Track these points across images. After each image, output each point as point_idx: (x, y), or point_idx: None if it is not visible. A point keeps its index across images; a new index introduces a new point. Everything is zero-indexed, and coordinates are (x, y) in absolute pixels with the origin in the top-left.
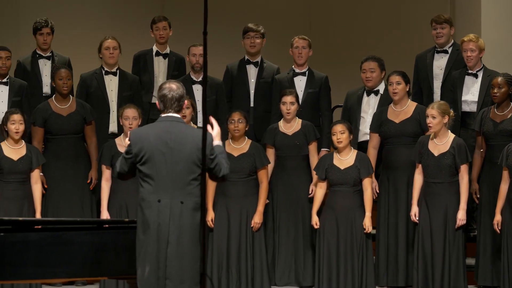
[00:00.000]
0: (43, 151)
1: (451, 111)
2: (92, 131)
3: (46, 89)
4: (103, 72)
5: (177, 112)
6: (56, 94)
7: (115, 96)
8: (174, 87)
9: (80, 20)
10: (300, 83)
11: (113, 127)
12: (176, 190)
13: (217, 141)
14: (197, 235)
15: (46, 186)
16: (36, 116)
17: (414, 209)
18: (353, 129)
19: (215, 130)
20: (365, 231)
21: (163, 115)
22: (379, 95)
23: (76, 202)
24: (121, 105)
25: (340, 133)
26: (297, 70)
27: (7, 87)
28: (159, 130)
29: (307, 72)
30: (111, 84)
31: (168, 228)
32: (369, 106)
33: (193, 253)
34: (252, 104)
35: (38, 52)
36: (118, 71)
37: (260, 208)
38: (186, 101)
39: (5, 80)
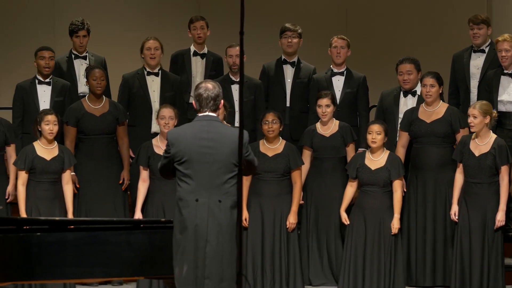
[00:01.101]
0: (75, 151)
1: (494, 111)
2: (124, 131)
3: (84, 88)
4: (145, 72)
5: (214, 111)
6: (89, 94)
7: (157, 96)
8: (209, 87)
9: (116, 19)
10: (338, 83)
11: (155, 128)
12: (214, 189)
13: None
14: (235, 233)
15: (78, 186)
16: (69, 115)
17: (454, 208)
18: (391, 129)
19: None
20: (392, 233)
21: (199, 114)
22: (416, 96)
23: (109, 202)
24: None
25: (376, 133)
26: (335, 70)
27: (50, 87)
28: (196, 129)
29: (345, 72)
30: (153, 85)
31: (206, 227)
32: (407, 106)
33: (231, 251)
34: (288, 104)
35: (74, 52)
36: (160, 72)
37: (294, 208)
38: (222, 101)
39: (48, 80)
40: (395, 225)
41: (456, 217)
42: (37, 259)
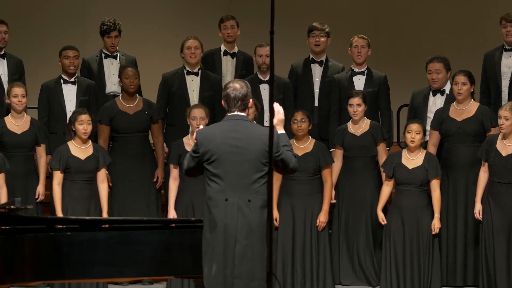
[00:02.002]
0: (109, 150)
1: None
2: (159, 130)
3: (113, 88)
4: (185, 72)
5: (242, 110)
6: (122, 93)
7: (196, 96)
8: (237, 87)
9: (147, 19)
10: (359, 82)
11: (191, 127)
12: (243, 188)
13: (280, 130)
14: (265, 233)
15: (111, 185)
16: (103, 114)
17: (478, 207)
18: None
19: (279, 117)
20: (433, 233)
21: (228, 114)
22: (445, 95)
23: (142, 201)
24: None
25: (415, 133)
26: (356, 70)
27: (75, 87)
28: (226, 129)
29: (366, 72)
30: (193, 85)
31: (235, 226)
32: (436, 106)
33: (262, 251)
34: (316, 103)
35: (104, 51)
36: (200, 71)
37: (325, 207)
38: (251, 101)
39: (73, 79)
40: (436, 224)
41: (480, 216)
42: (68, 259)
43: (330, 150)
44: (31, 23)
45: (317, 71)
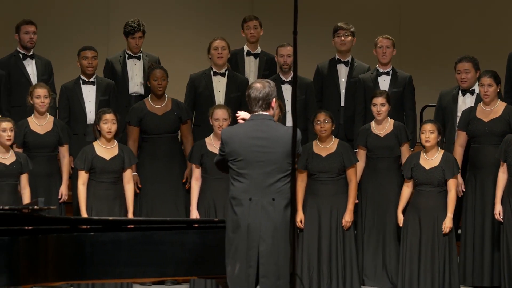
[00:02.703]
0: (138, 151)
1: None
2: (188, 130)
3: (137, 88)
4: (212, 73)
5: (265, 110)
6: (151, 94)
7: (223, 97)
8: (258, 86)
9: (170, 19)
10: (384, 82)
11: (214, 128)
12: (267, 188)
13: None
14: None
15: (140, 186)
16: (132, 115)
17: (498, 208)
18: (450, 128)
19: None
20: (443, 232)
21: (252, 113)
22: (475, 95)
23: (171, 202)
24: (228, 106)
25: (429, 132)
26: (381, 70)
27: (95, 87)
28: (250, 129)
29: (391, 72)
30: (219, 85)
31: (259, 226)
32: (465, 105)
33: (287, 250)
34: (342, 104)
35: (128, 52)
36: (227, 72)
37: (350, 206)
38: (274, 100)
39: (92, 79)
40: (447, 224)
41: (501, 217)
42: (91, 259)
43: (354, 151)
44: (56, 24)
45: (343, 72)
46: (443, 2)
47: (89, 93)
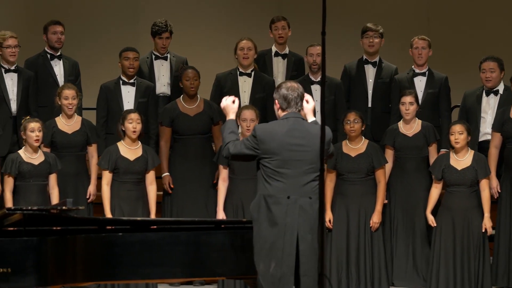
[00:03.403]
0: (170, 151)
1: None
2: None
3: (164, 89)
4: (238, 73)
5: (299, 110)
6: (183, 95)
7: (248, 97)
8: (295, 86)
9: (198, 20)
10: (420, 83)
11: (241, 129)
12: (304, 186)
13: (311, 118)
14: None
15: (172, 186)
16: (164, 116)
17: None
18: (473, 129)
19: (310, 105)
20: (483, 232)
21: (284, 113)
22: (498, 95)
23: (201, 202)
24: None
25: (458, 133)
26: (417, 71)
27: (134, 88)
28: (287, 127)
29: (427, 73)
30: (245, 86)
31: (297, 224)
32: (489, 106)
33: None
34: (370, 104)
35: (155, 52)
36: (253, 73)
37: (379, 207)
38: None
39: (132, 81)
40: (487, 224)
41: None
42: (119, 259)
43: None
44: (84, 24)
45: (370, 72)
46: (472, 2)
47: (128, 94)
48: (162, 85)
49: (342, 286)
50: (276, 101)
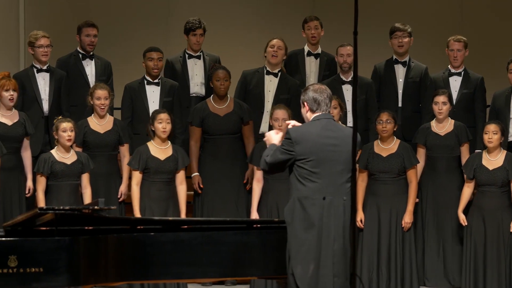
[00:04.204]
0: (200, 151)
1: None
2: (250, 131)
3: (197, 88)
4: (265, 71)
5: (328, 112)
6: (213, 94)
7: (272, 97)
8: (323, 88)
9: (230, 19)
10: (455, 83)
11: (264, 128)
12: (339, 187)
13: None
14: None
15: (202, 186)
16: (194, 115)
17: None
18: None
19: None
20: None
21: (314, 114)
22: None
23: (231, 202)
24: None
25: (492, 133)
26: (452, 70)
27: (159, 88)
28: (321, 128)
29: (462, 73)
30: (270, 85)
31: (333, 225)
32: None
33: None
34: (400, 104)
35: (188, 51)
36: (279, 73)
37: (410, 207)
38: (333, 101)
39: (156, 80)
40: None
41: None
42: (151, 259)
43: None
44: (115, 24)
45: (400, 72)
46: (503, 2)
47: (153, 94)
48: (196, 84)
49: (373, 286)
50: (305, 103)
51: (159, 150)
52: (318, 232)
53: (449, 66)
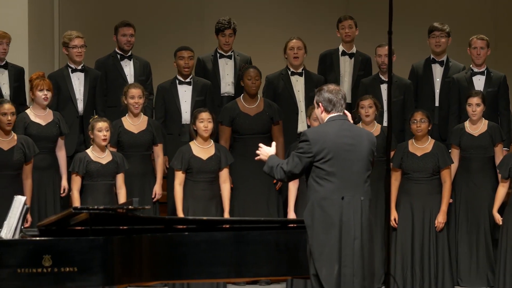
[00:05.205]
0: (230, 150)
1: None
2: (279, 131)
3: (228, 88)
4: (289, 72)
5: (342, 112)
6: (244, 94)
7: (302, 96)
8: (337, 88)
9: (264, 19)
10: (479, 82)
11: (302, 127)
12: (357, 187)
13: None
14: (372, 231)
15: (232, 186)
16: (224, 115)
17: None
18: None
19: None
20: None
21: (329, 115)
22: None
23: (262, 202)
24: (308, 105)
25: None
26: (475, 70)
27: (191, 87)
28: (337, 128)
29: (485, 72)
30: (297, 85)
31: (353, 225)
32: None
33: (371, 249)
34: (437, 104)
35: (219, 51)
36: (303, 72)
37: (444, 208)
38: (369, 100)
39: (188, 80)
40: None
41: None
42: (185, 259)
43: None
44: (149, 23)
45: (437, 71)
46: None
47: (185, 93)
48: (227, 84)
49: (407, 286)
50: (320, 104)
51: (201, 149)
52: (339, 232)
53: (471, 66)
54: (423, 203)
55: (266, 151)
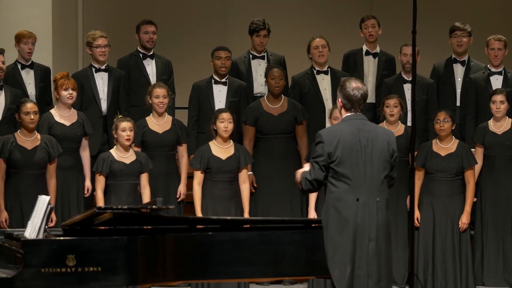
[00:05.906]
0: (254, 150)
1: None
2: (303, 131)
3: (261, 89)
4: (315, 72)
5: (362, 111)
6: (268, 94)
7: (329, 94)
8: (360, 85)
9: (287, 19)
10: (496, 82)
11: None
12: (372, 188)
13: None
14: (390, 232)
15: (255, 185)
16: (247, 115)
17: None
18: None
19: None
20: None
21: (347, 113)
22: None
23: (286, 202)
24: (335, 103)
25: None
26: (492, 69)
27: (226, 87)
28: (351, 128)
29: (502, 72)
30: (324, 83)
31: (367, 226)
32: None
33: (387, 250)
34: (458, 103)
35: (252, 52)
36: (329, 70)
37: (468, 208)
38: (395, 99)
39: (224, 80)
40: None
41: None
42: (209, 258)
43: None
44: (173, 22)
45: (459, 71)
46: None
47: (220, 93)
48: (260, 84)
49: (429, 286)
50: (340, 99)
51: (221, 149)
52: (353, 233)
53: (488, 66)
54: (445, 203)
55: (299, 171)
